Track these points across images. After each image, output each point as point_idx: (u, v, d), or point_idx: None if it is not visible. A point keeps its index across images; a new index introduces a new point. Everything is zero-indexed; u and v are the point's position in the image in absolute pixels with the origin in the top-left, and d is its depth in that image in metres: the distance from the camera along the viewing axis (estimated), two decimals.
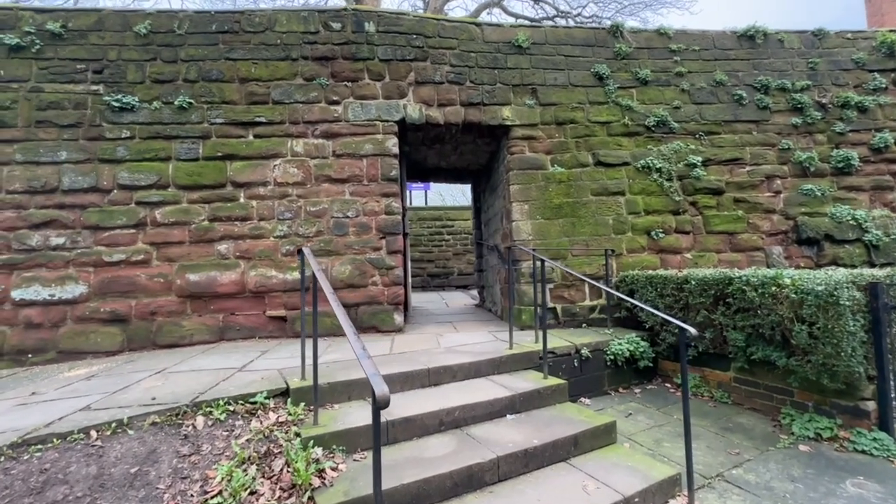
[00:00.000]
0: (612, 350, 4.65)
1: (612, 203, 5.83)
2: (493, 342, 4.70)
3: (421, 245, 12.18)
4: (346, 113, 5.54)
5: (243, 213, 5.25)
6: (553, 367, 4.29)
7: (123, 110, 5.17)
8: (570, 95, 6.04)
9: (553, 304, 5.63)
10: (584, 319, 5.62)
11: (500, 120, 5.84)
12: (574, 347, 4.51)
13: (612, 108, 6.09)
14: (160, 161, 5.19)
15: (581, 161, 5.90)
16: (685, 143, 6.08)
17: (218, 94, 5.37)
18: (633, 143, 6.06)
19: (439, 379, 3.65)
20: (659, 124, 6.07)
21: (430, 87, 5.75)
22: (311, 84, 5.52)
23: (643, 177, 5.93)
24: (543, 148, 5.91)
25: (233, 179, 5.28)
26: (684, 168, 5.96)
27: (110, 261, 4.99)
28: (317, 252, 5.32)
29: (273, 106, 5.44)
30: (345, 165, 5.47)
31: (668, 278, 4.65)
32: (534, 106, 5.94)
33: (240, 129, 5.37)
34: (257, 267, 5.21)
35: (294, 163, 5.40)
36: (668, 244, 5.81)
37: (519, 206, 5.73)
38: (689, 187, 5.93)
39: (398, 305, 5.43)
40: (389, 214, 5.50)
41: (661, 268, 5.74)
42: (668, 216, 5.88)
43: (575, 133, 5.98)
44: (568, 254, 5.70)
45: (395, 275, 5.43)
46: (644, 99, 6.20)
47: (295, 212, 5.34)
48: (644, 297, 4.99)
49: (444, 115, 5.75)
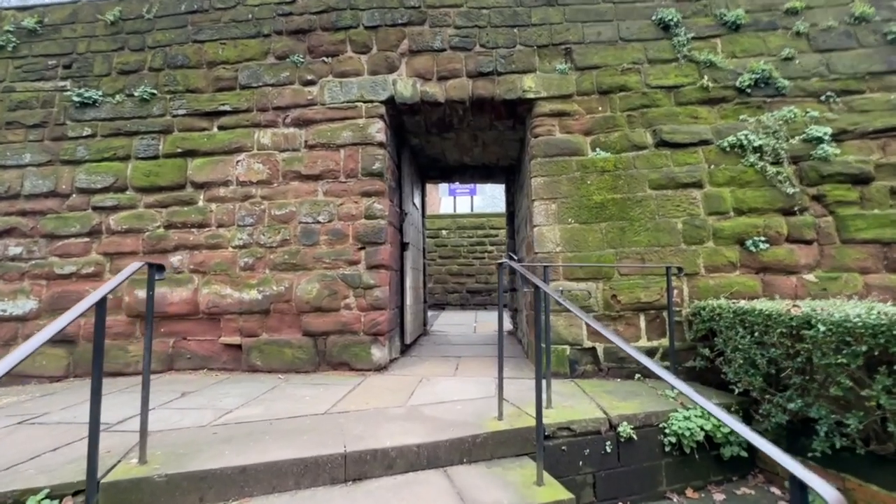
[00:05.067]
0: (673, 428, 2.92)
1: (683, 199, 4.03)
2: (488, 399, 3.24)
3: (460, 257, 10.83)
4: (321, 94, 4.49)
5: (200, 218, 4.42)
6: (568, 453, 2.72)
7: (86, 106, 4.66)
8: (619, 54, 4.39)
9: (591, 343, 3.98)
10: (637, 368, 3.88)
11: (519, 92, 4.39)
12: (606, 421, 2.87)
13: (684, 66, 4.31)
14: (119, 161, 4.56)
15: (635, 142, 4.20)
16: (802, 108, 4.08)
17: (182, 81, 4.64)
18: (717, 114, 4.21)
19: (363, 471, 2.31)
20: (759, 84, 4.15)
21: (428, 57, 4.50)
22: (284, 63, 4.57)
23: (732, 160, 4.05)
24: (580, 126, 4.32)
25: (192, 179, 4.48)
26: (801, 145, 3.97)
27: (62, 273, 4.42)
28: (280, 266, 4.29)
29: (240, 92, 4.57)
30: (317, 159, 4.41)
31: (773, 316, 2.81)
32: (567, 71, 4.40)
33: (203, 121, 4.57)
34: (211, 283, 4.32)
35: (260, 157, 4.46)
36: (774, 259, 3.85)
37: (543, 206, 4.20)
38: (809, 174, 3.92)
39: (378, 336, 4.18)
40: (370, 219, 4.31)
41: (764, 296, 3.80)
42: (776, 217, 3.92)
43: (626, 104, 4.30)
44: (614, 272, 4.02)
45: (375, 296, 4.20)
46: (734, 51, 4.32)
47: (258, 216, 4.39)
48: (730, 342, 3.17)
49: (444, 91, 4.45)
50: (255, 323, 4.25)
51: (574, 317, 3.99)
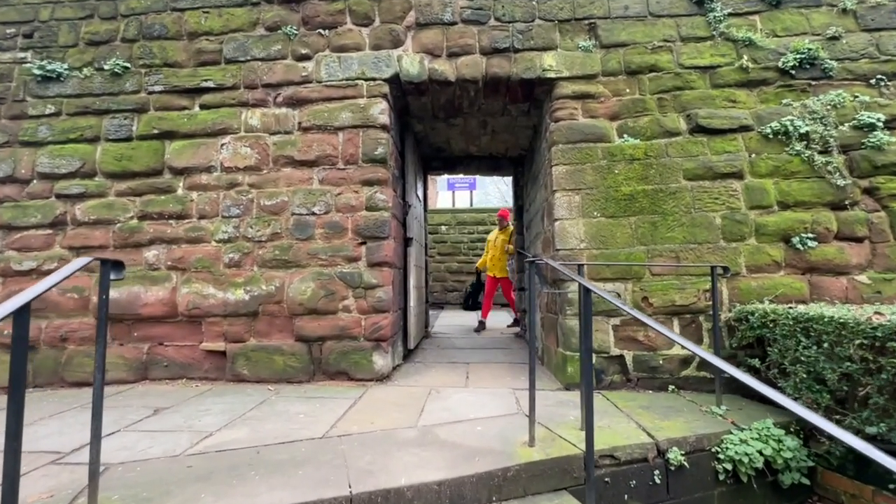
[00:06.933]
0: (728, 453, 2.52)
1: (722, 191, 3.64)
2: (511, 417, 2.82)
3: (460, 254, 10.38)
4: (318, 71, 4.01)
5: (179, 208, 3.91)
6: (612, 485, 2.31)
7: (49, 80, 4.11)
8: (649, 31, 3.97)
9: (619, 351, 3.57)
10: (671, 378, 3.48)
11: (538, 71, 3.95)
12: (654, 446, 2.46)
13: (720, 44, 3.91)
14: (87, 142, 4.03)
15: (667, 127, 3.80)
16: (850, 92, 3.70)
17: (160, 54, 4.12)
18: (757, 97, 3.81)
19: None
20: (804, 65, 3.76)
21: (437, 30, 4.04)
22: (275, 35, 4.08)
23: (776, 148, 3.66)
24: (606, 111, 3.90)
25: (170, 164, 3.97)
26: (852, 132, 3.59)
27: (20, 269, 3.89)
28: (270, 263, 3.81)
29: (225, 66, 4.07)
30: (313, 142, 3.93)
31: (849, 325, 2.41)
32: (591, 49, 3.97)
33: (184, 99, 4.06)
34: (192, 281, 3.82)
35: (247, 140, 3.97)
36: (823, 258, 3.48)
37: (566, 198, 3.77)
38: (861, 164, 3.54)
39: (380, 342, 3.73)
40: (372, 211, 3.85)
41: (812, 297, 3.43)
42: (824, 212, 3.54)
43: (657, 86, 3.89)
44: (645, 271, 3.62)
45: (377, 297, 3.75)
46: (775, 29, 3.93)
47: (245, 206, 3.90)
48: (789, 353, 2.78)
49: (455, 69, 3.99)
50: (241, 327, 3.77)
51: (598, 321, 3.57)
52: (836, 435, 1.10)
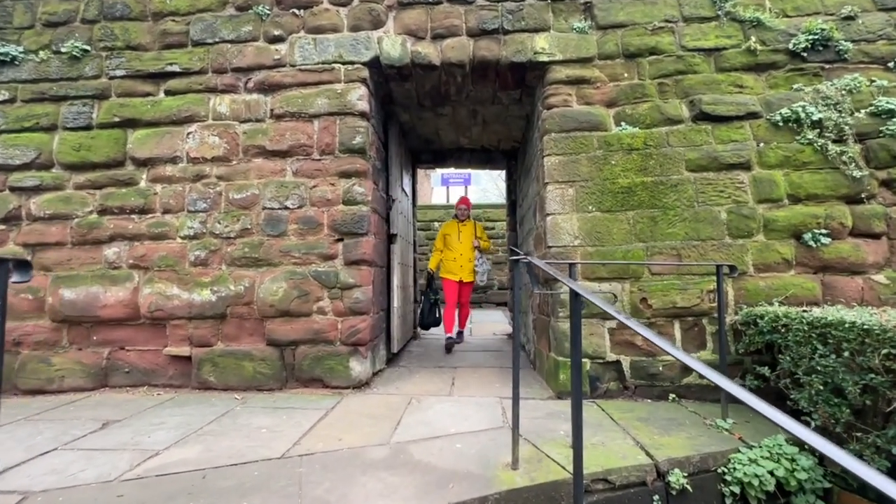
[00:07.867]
0: (737, 474, 2.26)
1: (728, 183, 3.35)
2: (495, 431, 2.55)
3: None
4: (291, 53, 3.71)
5: (142, 202, 3.63)
6: None
7: (3, 64, 3.81)
8: (649, 10, 3.68)
9: (615, 357, 3.30)
10: (672, 386, 3.21)
11: (529, 54, 3.66)
12: (653, 467, 2.19)
13: (726, 25, 3.61)
14: (43, 131, 3.74)
15: (669, 114, 3.51)
16: (866, 76, 3.41)
17: (122, 36, 3.82)
18: (765, 82, 3.52)
19: None
20: (816, 47, 3.47)
21: (421, 10, 3.74)
22: (246, 15, 3.78)
23: (786, 137, 3.37)
24: (602, 97, 3.61)
25: (133, 154, 3.68)
26: (868, 120, 3.31)
27: None
28: (239, 261, 3.53)
29: (192, 49, 3.77)
30: (286, 131, 3.64)
31: (874, 332, 2.14)
32: (587, 31, 3.68)
33: (147, 84, 3.77)
34: (154, 281, 3.54)
35: (216, 129, 3.68)
36: (837, 256, 3.20)
37: (559, 191, 3.49)
38: (879, 154, 3.26)
39: (358, 346, 3.45)
40: (350, 205, 3.56)
41: (825, 299, 3.16)
42: (838, 205, 3.26)
43: (658, 70, 3.60)
44: (644, 270, 3.34)
45: (355, 298, 3.47)
46: (785, 8, 3.64)
47: (212, 200, 3.61)
48: (803, 361, 2.50)
49: (440, 52, 3.70)
50: (207, 330, 3.50)
51: (593, 324, 3.31)
52: (854, 470, 0.82)
